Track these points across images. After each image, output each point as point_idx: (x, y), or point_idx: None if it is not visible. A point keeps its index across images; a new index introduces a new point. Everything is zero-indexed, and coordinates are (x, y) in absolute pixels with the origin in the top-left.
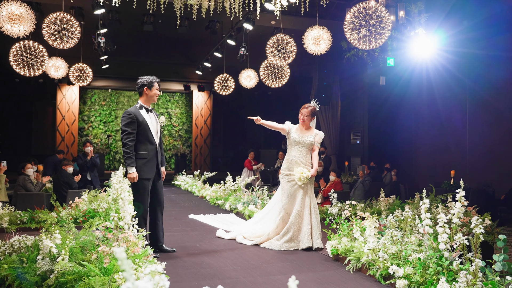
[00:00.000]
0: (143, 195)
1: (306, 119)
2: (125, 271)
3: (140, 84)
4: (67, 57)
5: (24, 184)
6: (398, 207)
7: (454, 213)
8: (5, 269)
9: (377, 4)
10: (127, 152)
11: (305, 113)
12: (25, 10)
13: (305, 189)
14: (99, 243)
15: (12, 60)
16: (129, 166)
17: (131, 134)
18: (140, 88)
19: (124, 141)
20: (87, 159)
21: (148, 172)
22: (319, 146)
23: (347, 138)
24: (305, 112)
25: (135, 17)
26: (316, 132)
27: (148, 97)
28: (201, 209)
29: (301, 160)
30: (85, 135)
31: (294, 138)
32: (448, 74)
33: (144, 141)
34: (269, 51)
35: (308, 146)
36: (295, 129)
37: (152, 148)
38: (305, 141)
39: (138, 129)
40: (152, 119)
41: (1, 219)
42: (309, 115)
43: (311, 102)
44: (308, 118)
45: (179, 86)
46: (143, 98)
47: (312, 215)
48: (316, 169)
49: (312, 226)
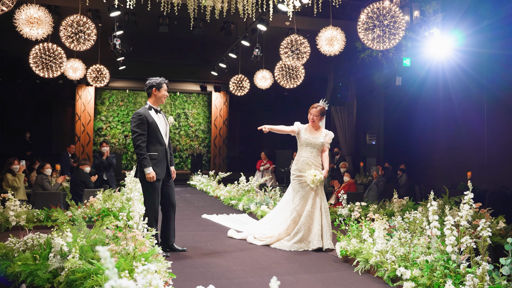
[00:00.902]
0: (153, 196)
1: (315, 119)
2: (108, 269)
3: (148, 85)
4: (85, 59)
5: (42, 183)
6: (411, 209)
7: (462, 215)
8: (19, 266)
9: (391, 4)
10: (141, 153)
11: (315, 113)
12: (43, 13)
13: (316, 190)
14: (109, 242)
15: (32, 62)
16: (146, 167)
17: (142, 136)
18: (149, 89)
19: (137, 142)
20: (103, 159)
21: (158, 173)
22: (329, 146)
23: (363, 138)
24: (314, 112)
25: (151, 19)
26: (326, 132)
27: (157, 98)
28: (215, 209)
29: (312, 161)
30: (103, 135)
31: (305, 139)
32: (464, 74)
33: (154, 142)
34: (283, 52)
35: (319, 147)
36: (305, 129)
37: (162, 148)
38: (316, 142)
39: (148, 130)
40: (161, 120)
41: (18, 217)
42: (318, 115)
43: (319, 101)
44: (317, 118)
45: (196, 87)
46: (151, 99)
47: (322, 216)
48: (327, 170)
49: (322, 227)
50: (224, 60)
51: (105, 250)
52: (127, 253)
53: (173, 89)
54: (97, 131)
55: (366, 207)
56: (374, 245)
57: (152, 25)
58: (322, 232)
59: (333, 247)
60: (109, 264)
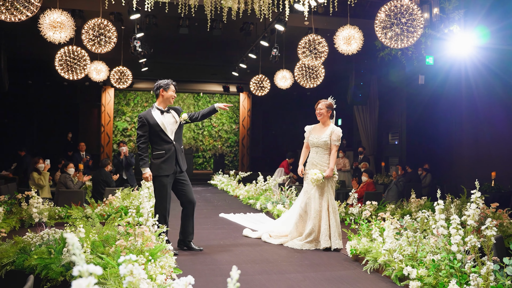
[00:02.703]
0: (162, 192)
1: (322, 113)
2: (76, 255)
3: (156, 86)
4: (108, 60)
5: (65, 182)
6: (428, 209)
7: (469, 214)
8: (35, 259)
9: (409, 2)
10: (140, 154)
11: (320, 107)
12: (65, 18)
13: (323, 189)
14: (120, 238)
15: (57, 65)
16: (142, 167)
17: (142, 137)
18: (157, 90)
19: (137, 144)
20: (121, 158)
21: (166, 169)
22: (337, 144)
23: (385, 138)
24: (320, 106)
25: (171, 21)
26: (332, 130)
27: (164, 98)
28: (233, 208)
29: (317, 161)
30: (128, 135)
31: (311, 140)
32: (488, 72)
33: (159, 141)
34: (300, 52)
35: (323, 146)
36: (313, 129)
37: (169, 146)
38: (319, 142)
39: (151, 130)
40: (168, 119)
41: (41, 214)
42: (324, 108)
43: (328, 99)
44: (324, 113)
45: (218, 87)
46: (159, 99)
47: (330, 215)
48: (331, 169)
49: (330, 227)
50: (244, 61)
51: (73, 237)
52: (135, 248)
53: (196, 89)
54: (122, 131)
55: (383, 207)
56: (384, 244)
57: (172, 26)
58: (330, 231)
59: (342, 246)
60: (76, 251)
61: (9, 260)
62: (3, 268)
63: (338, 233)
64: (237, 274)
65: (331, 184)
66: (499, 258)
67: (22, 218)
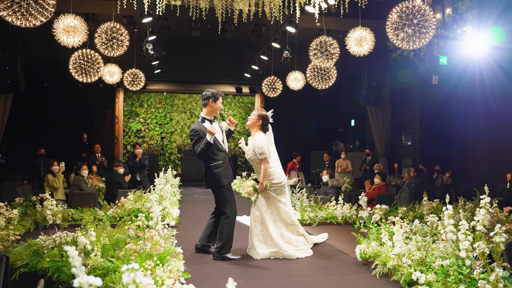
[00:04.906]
0: (231, 197)
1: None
2: (76, 267)
3: (206, 96)
4: (121, 63)
5: (79, 184)
6: (441, 212)
7: (478, 219)
8: (47, 262)
9: (422, 3)
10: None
11: (249, 117)
12: (79, 22)
13: (255, 200)
14: (130, 241)
15: (72, 68)
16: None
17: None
18: (206, 100)
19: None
20: (136, 161)
21: (229, 177)
22: (259, 157)
23: (399, 139)
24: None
25: (183, 23)
26: (253, 141)
27: (213, 109)
28: (245, 210)
29: (255, 176)
30: (142, 136)
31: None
32: (503, 72)
33: (216, 151)
34: (312, 53)
35: (251, 160)
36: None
37: (224, 155)
38: (247, 156)
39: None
40: (217, 129)
41: (55, 216)
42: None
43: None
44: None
45: (231, 89)
46: (207, 109)
47: (251, 222)
48: (261, 183)
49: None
50: (256, 62)
51: (73, 250)
52: (144, 252)
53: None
54: (136, 132)
55: (395, 210)
56: (393, 248)
57: (185, 29)
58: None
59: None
60: (76, 263)
61: (23, 262)
62: (16, 270)
63: (255, 239)
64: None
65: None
66: (509, 264)
67: (36, 220)
